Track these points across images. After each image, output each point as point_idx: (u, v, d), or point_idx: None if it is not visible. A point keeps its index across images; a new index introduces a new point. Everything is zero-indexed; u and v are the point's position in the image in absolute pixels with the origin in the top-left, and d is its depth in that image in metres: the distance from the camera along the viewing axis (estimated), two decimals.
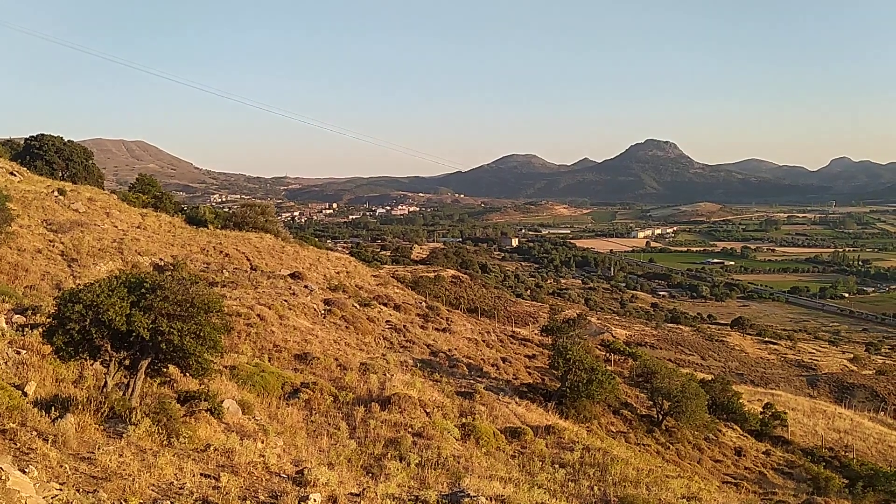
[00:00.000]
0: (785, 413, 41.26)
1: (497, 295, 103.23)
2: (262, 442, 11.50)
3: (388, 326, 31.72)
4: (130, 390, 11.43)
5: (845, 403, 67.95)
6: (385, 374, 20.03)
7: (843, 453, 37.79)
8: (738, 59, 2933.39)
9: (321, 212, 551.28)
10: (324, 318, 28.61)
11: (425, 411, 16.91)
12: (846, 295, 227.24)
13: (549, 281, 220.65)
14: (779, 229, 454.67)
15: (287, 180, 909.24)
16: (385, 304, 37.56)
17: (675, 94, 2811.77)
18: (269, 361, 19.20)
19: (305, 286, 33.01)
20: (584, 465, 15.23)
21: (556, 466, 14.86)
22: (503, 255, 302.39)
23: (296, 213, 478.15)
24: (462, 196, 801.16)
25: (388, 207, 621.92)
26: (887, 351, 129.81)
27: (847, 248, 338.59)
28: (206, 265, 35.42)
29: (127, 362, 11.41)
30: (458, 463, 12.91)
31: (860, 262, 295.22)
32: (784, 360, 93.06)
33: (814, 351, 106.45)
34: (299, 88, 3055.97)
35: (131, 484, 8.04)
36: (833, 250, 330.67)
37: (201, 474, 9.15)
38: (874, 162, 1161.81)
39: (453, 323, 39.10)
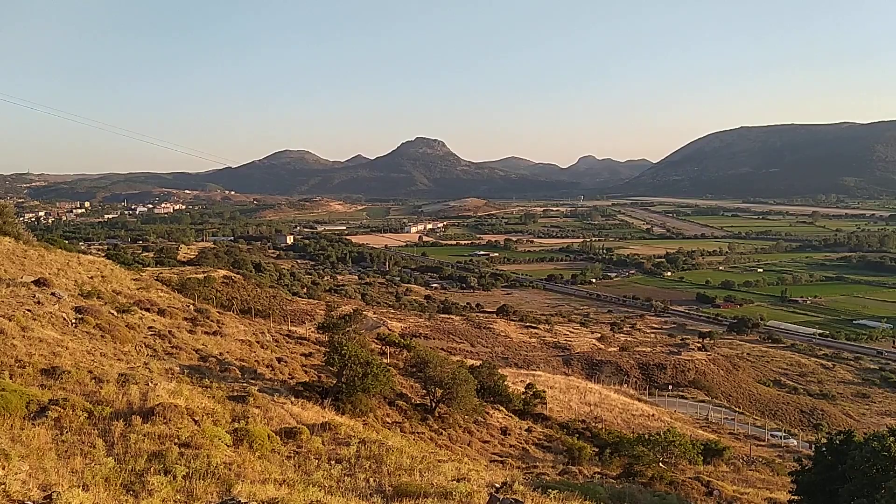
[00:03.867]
0: (544, 391, 44.83)
1: (272, 294, 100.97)
2: (3, 468, 10.29)
3: (151, 333, 29.72)
4: None
5: (595, 378, 75.53)
6: (148, 384, 18.75)
7: (593, 424, 41.94)
8: (493, 60, 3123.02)
9: (71, 211, 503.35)
10: (75, 327, 26.14)
11: (194, 420, 16.11)
12: (594, 280, 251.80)
13: (325, 278, 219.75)
14: (536, 222, 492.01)
15: (30, 177, 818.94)
16: (148, 310, 35.13)
17: (441, 92, 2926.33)
18: (11, 378, 17.16)
19: (52, 293, 29.90)
20: (361, 459, 15.41)
21: (333, 462, 14.89)
22: (278, 253, 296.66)
23: (41, 214, 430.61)
24: (233, 193, 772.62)
25: (151, 206, 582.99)
26: (628, 329, 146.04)
27: (594, 238, 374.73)
28: None
29: None
30: (230, 470, 12.47)
31: (605, 251, 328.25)
32: (543, 343, 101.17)
33: (568, 333, 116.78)
34: (41, 77, 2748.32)
35: None
36: (582, 240, 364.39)
37: None
38: (615, 160, 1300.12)
39: (225, 325, 37.61)
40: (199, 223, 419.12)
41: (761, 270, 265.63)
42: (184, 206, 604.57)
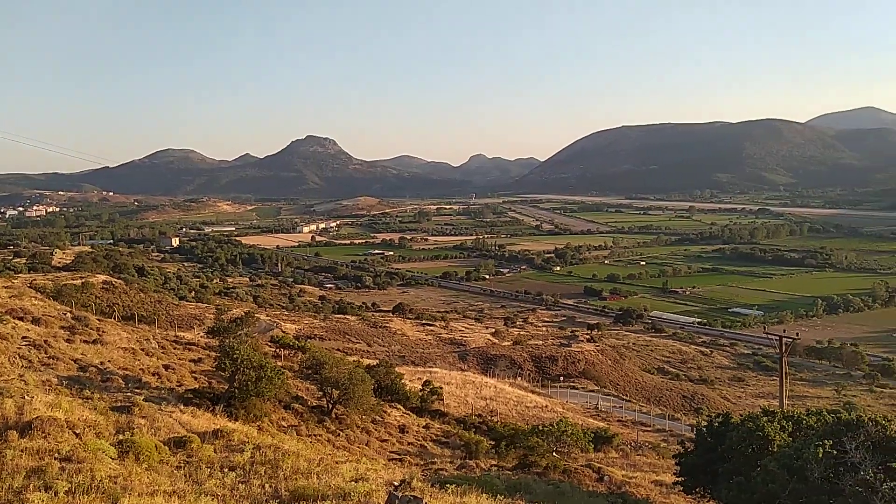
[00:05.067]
0: (441, 388, 45.23)
1: (157, 299, 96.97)
2: None
3: (25, 343, 27.89)
4: None
5: (490, 373, 76.89)
6: (24, 398, 17.60)
7: (489, 418, 42.65)
8: (381, 58, 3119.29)
9: None
10: None
11: (75, 433, 15.25)
12: (487, 277, 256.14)
13: (215, 281, 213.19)
14: (430, 220, 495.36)
15: None
16: (21, 319, 32.95)
17: (332, 89, 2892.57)
18: None
19: None
20: (256, 465, 15.05)
21: (226, 470, 14.47)
22: (163, 256, 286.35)
23: None
24: (111, 194, 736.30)
25: (22, 208, 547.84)
26: (521, 323, 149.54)
27: (486, 235, 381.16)
28: None
29: None
30: (116, 483, 11.90)
31: (497, 247, 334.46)
32: (439, 340, 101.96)
33: (463, 329, 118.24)
34: None
35: None
36: (475, 237, 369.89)
37: None
38: (504, 158, 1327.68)
39: (106, 333, 35.76)
40: (74, 226, 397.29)
41: (644, 263, 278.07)
42: (58, 209, 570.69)
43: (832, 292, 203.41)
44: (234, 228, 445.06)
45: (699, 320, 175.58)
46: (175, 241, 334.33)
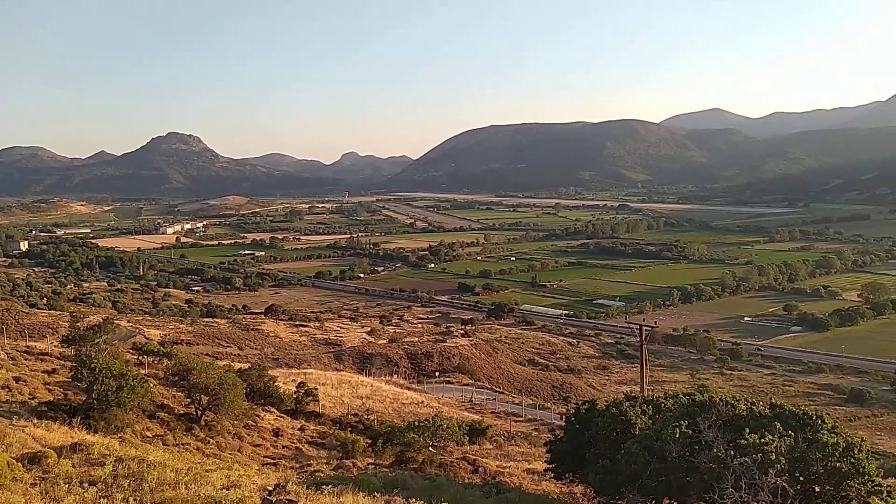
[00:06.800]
0: (316, 389, 44.62)
1: (5, 307, 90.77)
2: None
3: None
4: None
5: (366, 371, 76.67)
6: None
7: (366, 416, 42.52)
8: (248, 53, 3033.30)
9: None
10: None
11: None
12: (362, 275, 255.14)
13: (69, 286, 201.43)
14: (302, 219, 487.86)
15: None
16: None
17: (195, 85, 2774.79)
18: None
19: None
20: (118, 478, 14.33)
21: (87, 485, 13.71)
22: (10, 261, 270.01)
23: None
24: None
25: None
26: (397, 321, 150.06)
27: (360, 234, 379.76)
28: None
29: None
30: None
31: (372, 246, 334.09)
32: (314, 340, 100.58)
33: (339, 328, 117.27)
34: None
35: None
36: (349, 236, 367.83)
37: None
38: (377, 157, 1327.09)
39: None
40: None
41: (514, 259, 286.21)
42: None
43: (686, 282, 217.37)
44: (90, 230, 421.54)
45: (566, 312, 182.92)
46: (24, 245, 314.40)
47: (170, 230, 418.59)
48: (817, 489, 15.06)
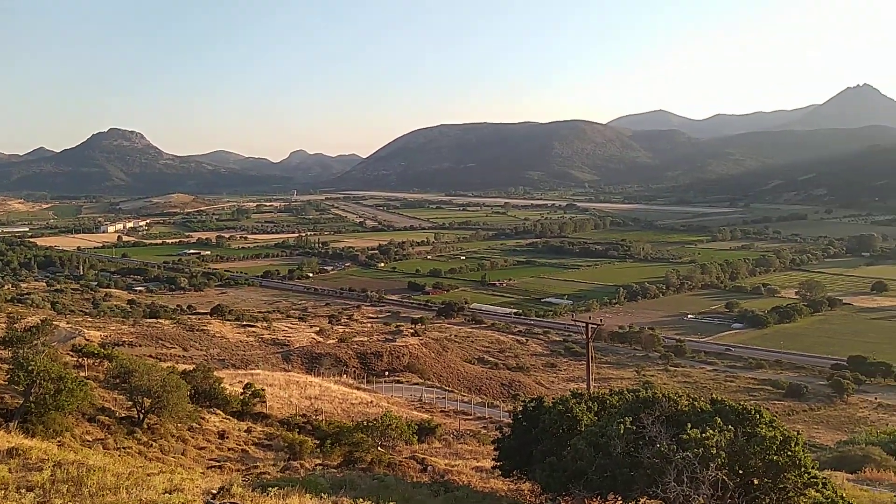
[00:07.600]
0: (263, 390, 44.05)
1: None
2: None
3: None
4: None
5: (315, 372, 75.97)
6: None
7: (314, 417, 42.16)
8: (190, 48, 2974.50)
9: None
10: None
11: None
12: (311, 275, 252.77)
13: (6, 287, 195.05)
14: (250, 218, 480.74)
15: None
16: None
17: (137, 80, 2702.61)
18: None
19: None
20: (57, 483, 13.92)
21: (24, 491, 13.29)
22: None
23: None
24: None
25: None
26: (346, 321, 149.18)
27: (309, 233, 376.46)
28: None
29: None
30: None
31: (321, 245, 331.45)
32: (261, 341, 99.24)
33: (287, 329, 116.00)
34: None
35: None
36: (298, 235, 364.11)
37: None
38: (326, 155, 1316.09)
39: None
40: None
41: (464, 258, 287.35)
42: None
43: (632, 281, 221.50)
44: (27, 229, 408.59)
45: (516, 311, 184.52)
46: None
47: (111, 229, 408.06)
48: (756, 482, 15.47)
